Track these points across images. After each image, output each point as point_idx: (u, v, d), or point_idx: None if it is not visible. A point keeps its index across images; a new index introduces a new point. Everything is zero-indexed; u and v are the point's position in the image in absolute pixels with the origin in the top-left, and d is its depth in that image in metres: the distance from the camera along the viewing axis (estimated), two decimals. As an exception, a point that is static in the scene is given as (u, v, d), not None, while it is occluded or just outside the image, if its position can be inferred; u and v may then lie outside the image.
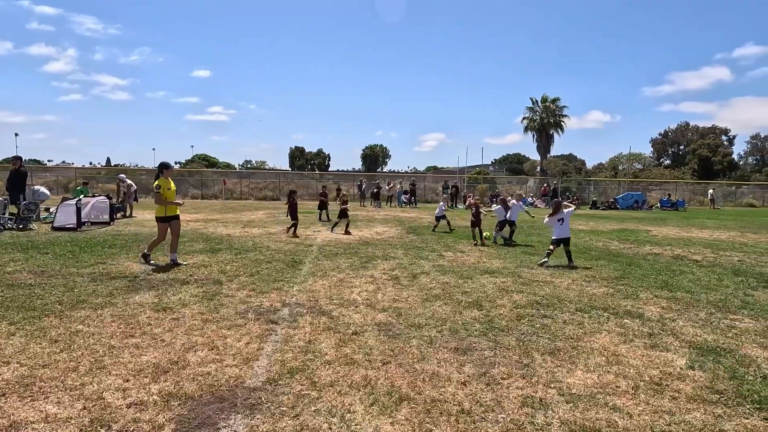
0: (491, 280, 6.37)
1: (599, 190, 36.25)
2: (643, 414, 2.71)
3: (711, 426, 2.58)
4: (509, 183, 41.24)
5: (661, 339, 4.05)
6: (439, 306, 4.99)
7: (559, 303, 5.19)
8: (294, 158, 78.82)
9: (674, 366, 3.43)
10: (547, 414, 2.69)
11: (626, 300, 5.42)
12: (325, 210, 15.35)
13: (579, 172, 55.12)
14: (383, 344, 3.78)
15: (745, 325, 4.52)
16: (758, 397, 2.92)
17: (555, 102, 40.66)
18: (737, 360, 3.57)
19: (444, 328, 4.25)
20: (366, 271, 6.79)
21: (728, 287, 6.20)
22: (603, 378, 3.20)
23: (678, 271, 7.32)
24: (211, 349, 3.58)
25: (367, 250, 8.75)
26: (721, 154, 57.01)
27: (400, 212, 20.56)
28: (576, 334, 4.14)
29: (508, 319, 4.56)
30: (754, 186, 42.11)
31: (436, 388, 3.02)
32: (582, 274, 6.88)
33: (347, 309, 4.80)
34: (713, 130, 62.09)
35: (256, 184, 34.29)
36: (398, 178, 39.21)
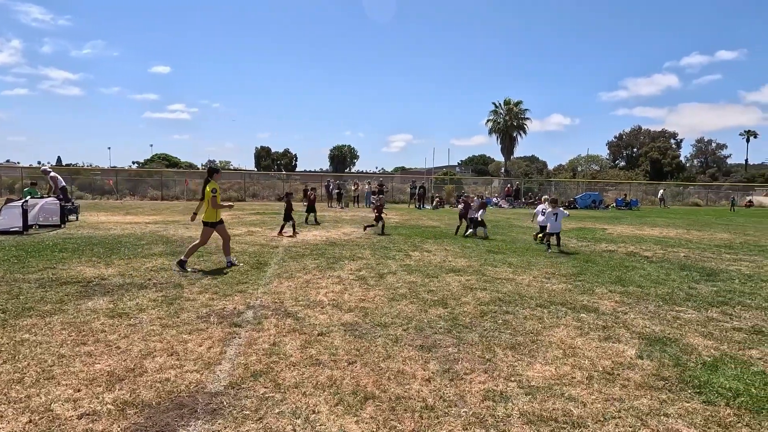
0: (456, 278, 6.50)
1: (560, 190, 37.68)
2: (596, 402, 2.85)
3: (656, 410, 2.75)
4: (475, 184, 42.16)
5: (613, 331, 4.27)
6: (405, 305, 5.04)
7: (521, 299, 5.37)
8: (260, 158, 77.20)
9: (625, 356, 3.63)
10: (507, 406, 2.79)
11: (583, 295, 5.67)
12: (314, 213, 14.84)
13: (541, 173, 57.07)
14: (349, 344, 3.78)
15: (689, 316, 4.83)
16: (698, 383, 3.13)
17: (518, 105, 41.92)
18: (681, 348, 3.82)
19: (410, 326, 4.30)
20: (333, 272, 6.76)
21: (675, 281, 6.61)
22: (560, 370, 3.34)
23: (630, 267, 7.73)
24: (170, 355, 3.47)
25: (334, 251, 8.71)
26: (670, 156, 60.63)
27: (368, 213, 20.57)
28: (536, 328, 4.30)
29: (472, 316, 4.67)
30: (699, 186, 45.04)
31: (401, 385, 3.05)
32: (542, 271, 7.14)
33: (313, 310, 4.77)
34: (663, 133, 65.98)
35: (220, 184, 33.29)
36: (366, 178, 39.22)
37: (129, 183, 31.96)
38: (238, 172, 46.89)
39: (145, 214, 16.86)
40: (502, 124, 41.73)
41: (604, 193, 35.82)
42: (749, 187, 45.48)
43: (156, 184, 31.94)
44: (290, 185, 34.84)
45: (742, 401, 2.87)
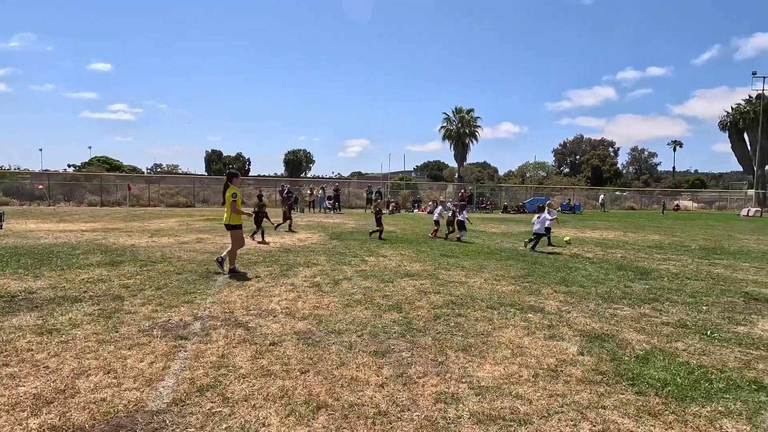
0: (411, 282, 6.58)
1: (510, 195, 39.24)
2: (541, 399, 2.98)
3: (595, 403, 2.92)
4: (430, 189, 42.96)
5: (558, 330, 4.49)
6: (360, 311, 5.03)
7: (472, 302, 5.52)
8: (210, 162, 74.29)
9: (568, 353, 3.83)
10: (458, 407, 2.85)
11: (530, 296, 5.93)
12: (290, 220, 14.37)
13: (492, 178, 59.19)
14: (302, 353, 3.71)
15: (625, 313, 5.18)
16: (632, 375, 3.37)
17: (469, 113, 43.28)
18: (617, 344, 4.09)
19: (364, 332, 4.29)
20: (286, 279, 6.62)
21: (612, 281, 7.07)
22: (508, 369, 3.46)
23: (574, 268, 8.18)
24: (106, 373, 3.24)
25: (288, 258, 8.54)
26: (608, 163, 64.94)
27: (323, 218, 20.38)
28: (486, 329, 4.43)
29: (426, 319, 4.74)
30: (634, 191, 48.59)
31: (355, 392, 3.03)
32: (493, 274, 7.39)
33: (265, 319, 4.64)
34: (602, 142, 70.62)
35: (167, 189, 31.71)
36: (322, 183, 38.86)
37: (64, 188, 29.64)
38: (187, 176, 44.85)
39: (82, 222, 15.69)
40: (454, 132, 42.90)
41: (551, 198, 37.74)
42: (676, 193, 49.65)
43: (95, 189, 29.82)
44: (243, 190, 33.81)
45: (669, 390, 3.11)
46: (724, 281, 7.16)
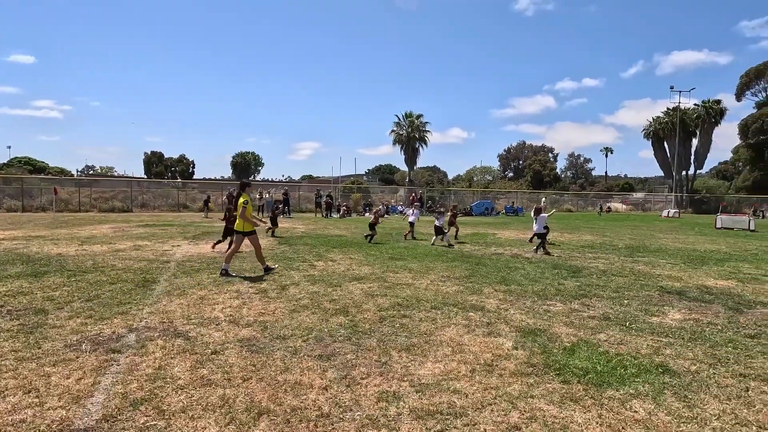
0: (359, 286, 6.65)
1: (458, 198, 40.51)
2: (477, 392, 3.16)
3: (525, 394, 3.14)
4: (382, 192, 43.35)
5: (496, 327, 4.75)
6: (306, 316, 5.02)
7: (418, 303, 5.69)
8: (150, 164, 70.13)
9: (503, 348, 4.07)
10: (399, 405, 2.95)
11: (473, 295, 6.20)
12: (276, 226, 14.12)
13: (441, 182, 60.81)
14: (245, 360, 3.66)
15: (557, 309, 5.57)
16: (559, 366, 3.65)
17: (419, 118, 44.21)
18: (548, 337, 4.40)
19: (310, 337, 4.30)
20: (231, 286, 6.45)
21: (548, 279, 7.55)
22: (448, 366, 3.63)
23: (514, 267, 8.64)
24: (27, 393, 3.01)
25: (233, 264, 8.29)
26: (548, 168, 68.93)
27: (272, 222, 19.92)
28: (429, 329, 4.60)
29: (372, 322, 4.83)
30: (572, 195, 51.95)
31: (298, 396, 3.05)
32: (439, 275, 7.64)
33: (207, 328, 4.51)
34: (543, 148, 74.87)
35: (100, 193, 29.56)
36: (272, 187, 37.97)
37: (-23, 192, 26.73)
38: (124, 179, 42.04)
39: (1, 229, 14.26)
40: (404, 136, 43.62)
41: (496, 201, 39.41)
42: (608, 196, 53.65)
43: (15, 193, 27.18)
44: (187, 194, 32.28)
45: (590, 378, 3.41)
46: (643, 277, 7.89)
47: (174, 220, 20.41)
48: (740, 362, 3.82)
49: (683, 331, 4.67)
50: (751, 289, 6.92)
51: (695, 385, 3.34)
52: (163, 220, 20.26)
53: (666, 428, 2.72)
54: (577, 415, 2.85)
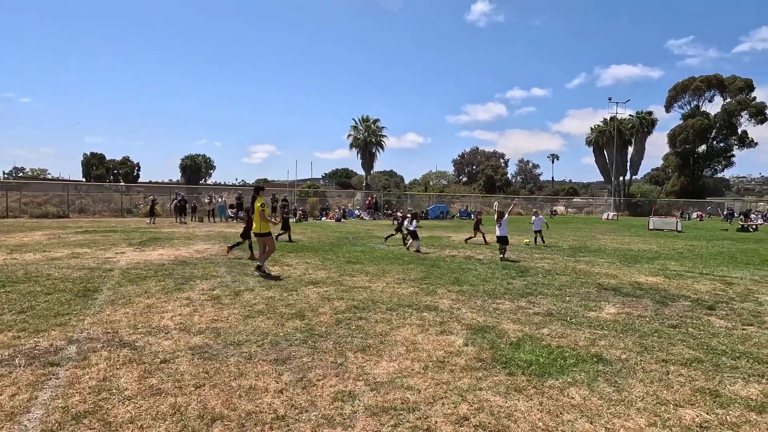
0: (315, 290, 6.65)
1: (415, 202, 41.18)
2: (429, 388, 3.30)
3: (474, 387, 3.32)
4: (339, 196, 43.19)
5: (448, 325, 4.94)
6: (261, 321, 4.97)
7: (374, 305, 5.79)
8: (90, 166, 65.59)
9: (455, 346, 4.26)
10: (355, 404, 3.03)
11: (427, 296, 6.39)
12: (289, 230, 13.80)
13: (398, 186, 61.55)
14: (197, 368, 3.59)
15: (505, 307, 5.87)
16: (506, 359, 3.88)
17: (375, 123, 44.59)
18: (497, 334, 4.64)
19: (265, 341, 4.27)
20: (181, 293, 6.24)
21: (498, 279, 7.91)
22: (402, 364, 3.75)
23: (467, 268, 8.96)
24: (-48, 412, 2.79)
25: (183, 271, 8.01)
26: (500, 173, 71.70)
27: (225, 227, 19.34)
28: (384, 330, 4.71)
29: (328, 325, 4.86)
30: (522, 198, 54.36)
31: (253, 401, 3.04)
32: (395, 278, 7.79)
33: (156, 336, 4.35)
34: (495, 154, 77.85)
35: (32, 197, 27.30)
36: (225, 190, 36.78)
37: None
38: (59, 183, 39.02)
39: None
40: (361, 140, 43.82)
41: (451, 205, 40.46)
42: (554, 200, 56.66)
43: (-71, 198, 24.50)
44: (130, 198, 30.54)
45: (533, 369, 3.66)
46: (584, 275, 8.46)
47: (117, 225, 19.27)
48: (663, 349, 4.23)
49: (616, 324, 5.09)
50: (676, 285, 7.62)
51: (624, 371, 3.67)
52: (104, 225, 19.07)
53: (598, 411, 2.98)
54: (520, 403, 3.06)
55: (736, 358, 4.02)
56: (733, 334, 4.77)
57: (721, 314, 5.64)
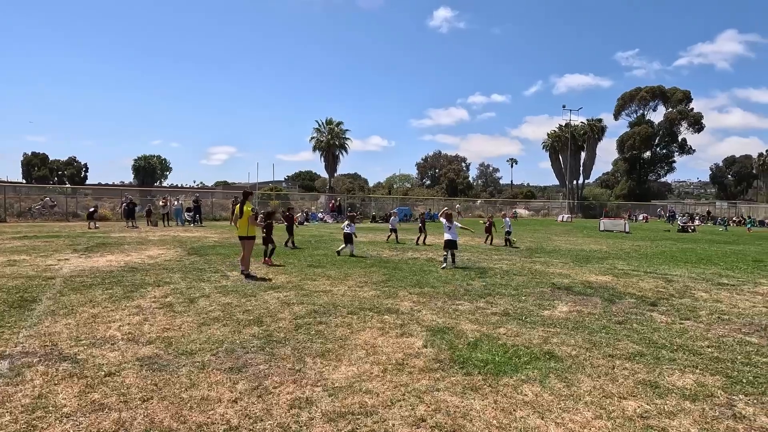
0: (275, 295, 6.51)
1: (378, 205, 41.31)
2: (387, 391, 3.30)
3: (431, 388, 3.36)
4: (302, 199, 42.60)
5: (408, 328, 4.97)
6: (217, 328, 4.80)
7: (335, 309, 5.74)
8: (30, 167, 61.16)
9: (414, 347, 4.29)
10: (312, 410, 2.98)
11: (388, 299, 6.41)
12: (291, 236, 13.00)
13: (362, 189, 61.52)
14: (145, 380, 3.41)
15: (464, 308, 5.99)
16: (463, 359, 3.95)
17: (339, 125, 44.48)
18: (455, 334, 4.72)
19: (220, 350, 4.12)
20: (131, 302, 5.92)
21: (458, 280, 8.06)
22: (361, 368, 3.73)
23: (428, 271, 9.07)
24: None
25: (134, 278, 7.62)
26: (462, 177, 73.35)
27: (181, 231, 18.58)
28: (344, 334, 4.67)
29: (287, 330, 4.77)
30: (483, 202, 55.80)
31: (204, 412, 2.93)
32: (357, 281, 7.76)
33: (100, 348, 4.10)
34: (457, 158, 79.46)
35: None
36: (182, 193, 35.42)
37: None
38: (-4, 185, 36.03)
39: None
40: (324, 143, 43.53)
41: (414, 208, 40.90)
42: (513, 203, 58.59)
43: None
44: (77, 202, 28.71)
45: (489, 368, 3.74)
46: (539, 275, 8.78)
47: (61, 230, 18.05)
48: (610, 345, 4.46)
49: (568, 322, 5.31)
50: (623, 283, 8.07)
51: (574, 367, 3.83)
52: (47, 230, 17.81)
53: (549, 407, 3.09)
54: (476, 402, 3.13)
55: (674, 351, 4.30)
56: (672, 329, 5.10)
57: (662, 310, 6.02)
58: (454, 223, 9.92)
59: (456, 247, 9.84)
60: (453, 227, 9.80)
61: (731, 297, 6.98)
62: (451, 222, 9.88)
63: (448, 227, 9.77)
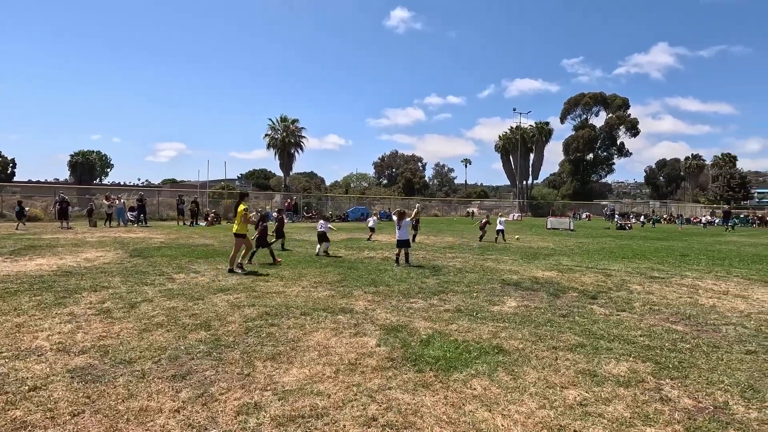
0: (224, 297, 6.27)
1: (335, 204, 41.00)
2: (339, 392, 3.27)
3: (383, 386, 3.36)
4: (257, 198, 41.39)
5: (362, 327, 4.96)
6: (160, 334, 4.55)
7: (287, 310, 5.61)
8: (-53, 162, 55.07)
9: (368, 347, 4.28)
10: (260, 415, 2.89)
11: (343, 299, 6.36)
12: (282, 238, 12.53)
13: (319, 188, 60.82)
14: (76, 393, 3.16)
15: (419, 306, 6.06)
16: (415, 357, 3.99)
17: (294, 123, 43.65)
18: (408, 332, 4.77)
19: (163, 357, 3.91)
20: (62, 309, 5.48)
21: (413, 278, 8.15)
22: (313, 370, 3.67)
23: (383, 270, 9.10)
24: None
25: (67, 282, 7.06)
26: (418, 176, 74.36)
27: (124, 232, 17.46)
28: (297, 336, 4.58)
29: (236, 334, 4.60)
30: (438, 201, 56.90)
31: (143, 424, 2.76)
32: (311, 281, 7.65)
33: (25, 360, 3.76)
34: (413, 158, 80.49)
35: None
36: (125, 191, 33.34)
37: None
38: None
39: None
40: (279, 141, 42.58)
41: (372, 207, 40.96)
42: (468, 202, 60.25)
43: None
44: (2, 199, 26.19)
45: (440, 364, 3.81)
46: (490, 272, 9.07)
47: (-17, 232, 16.40)
48: (554, 337, 4.68)
49: (516, 316, 5.52)
50: (567, 278, 8.51)
51: (521, 360, 3.98)
52: (-34, 232, 16.10)
53: (496, 399, 3.19)
54: (426, 399, 3.17)
55: (611, 341, 4.59)
56: (610, 320, 5.44)
57: (602, 303, 6.41)
58: (404, 221, 9.98)
59: (409, 246, 10.00)
60: (403, 226, 9.88)
61: (661, 289, 7.56)
62: (402, 221, 9.92)
63: (398, 226, 9.89)
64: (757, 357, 4.21)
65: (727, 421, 2.94)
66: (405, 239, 9.79)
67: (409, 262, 9.77)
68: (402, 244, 9.75)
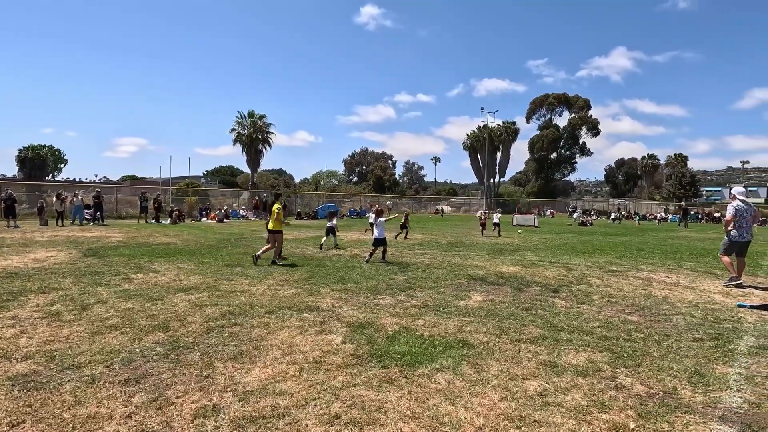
0: (185, 297, 6.04)
1: (304, 202, 40.47)
2: (302, 390, 3.20)
3: (348, 384, 3.33)
4: (223, 195, 40.26)
5: (329, 324, 4.90)
6: (113, 337, 4.32)
7: (251, 309, 5.47)
8: None
9: (333, 344, 4.23)
10: (218, 418, 2.79)
11: (310, 297, 6.27)
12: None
13: (288, 186, 59.89)
14: (16, 402, 2.94)
15: (386, 302, 6.05)
16: (380, 353, 3.97)
17: (262, 119, 42.74)
18: (375, 329, 4.74)
19: (115, 360, 3.71)
20: (5, 312, 5.11)
21: (381, 275, 8.14)
22: (276, 369, 3.59)
23: (352, 267, 9.05)
24: None
25: (11, 284, 6.61)
26: (389, 174, 74.53)
27: (78, 231, 16.55)
28: (260, 335, 4.47)
29: (196, 335, 4.44)
30: (408, 198, 57.26)
31: (90, 431, 2.60)
32: (277, 279, 7.49)
33: (-41, 368, 3.47)
34: (384, 155, 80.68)
35: None
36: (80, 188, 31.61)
37: None
38: None
39: None
40: (246, 136, 41.59)
41: (341, 205, 40.72)
42: (437, 200, 60.97)
43: None
44: None
45: (406, 360, 3.81)
46: (457, 268, 9.19)
47: None
48: (517, 330, 4.78)
49: (481, 311, 5.61)
50: (531, 273, 8.74)
51: (485, 353, 4.04)
52: None
53: (459, 393, 3.22)
54: (391, 395, 3.15)
55: (571, 333, 4.73)
56: (570, 312, 5.62)
57: (563, 296, 6.62)
58: (379, 220, 9.99)
59: (386, 244, 10.08)
60: (380, 224, 9.89)
61: (618, 282, 7.89)
62: (379, 218, 9.98)
63: (376, 224, 9.96)
64: (703, 344, 4.45)
65: (676, 405, 3.09)
66: (382, 237, 9.83)
67: (385, 259, 9.90)
68: (379, 243, 9.83)
